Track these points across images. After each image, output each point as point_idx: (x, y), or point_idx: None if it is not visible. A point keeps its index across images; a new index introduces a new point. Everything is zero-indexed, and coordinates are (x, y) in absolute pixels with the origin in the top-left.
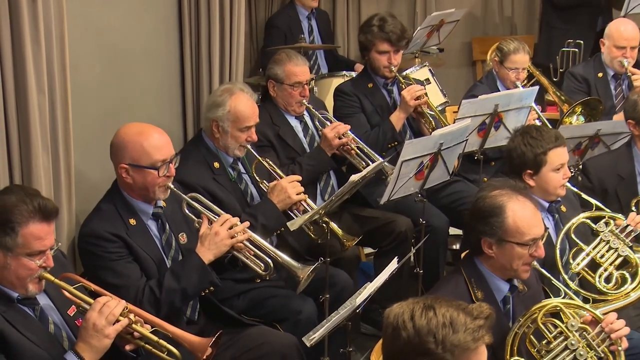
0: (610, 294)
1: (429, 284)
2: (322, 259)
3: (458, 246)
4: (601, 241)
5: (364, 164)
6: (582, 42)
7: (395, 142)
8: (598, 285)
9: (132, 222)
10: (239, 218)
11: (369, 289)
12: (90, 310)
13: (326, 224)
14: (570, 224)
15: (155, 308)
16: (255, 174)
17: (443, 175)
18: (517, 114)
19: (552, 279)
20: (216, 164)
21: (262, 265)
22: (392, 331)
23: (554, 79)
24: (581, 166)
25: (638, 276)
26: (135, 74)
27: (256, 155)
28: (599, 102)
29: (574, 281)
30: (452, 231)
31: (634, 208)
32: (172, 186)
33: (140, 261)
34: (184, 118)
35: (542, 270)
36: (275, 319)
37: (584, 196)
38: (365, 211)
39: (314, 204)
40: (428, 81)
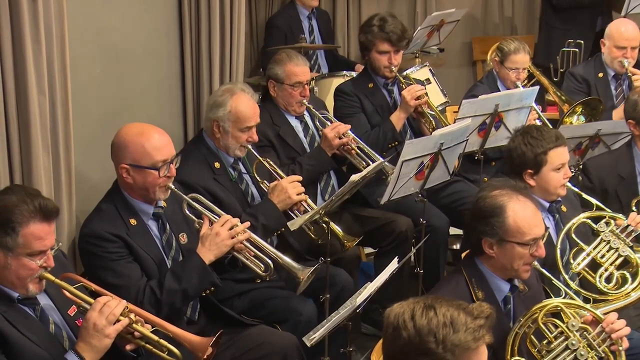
0: (610, 294)
1: (429, 284)
2: (323, 258)
3: (458, 246)
4: (602, 241)
5: (364, 163)
6: (583, 42)
7: (396, 142)
8: (598, 285)
9: (133, 222)
10: (239, 219)
11: (369, 288)
12: (90, 310)
13: (326, 224)
14: (570, 224)
15: (156, 308)
16: (256, 174)
17: (443, 175)
18: (517, 114)
19: (553, 278)
20: (217, 164)
21: (263, 266)
22: (393, 331)
23: (555, 79)
24: (581, 166)
25: (638, 276)
26: (135, 74)
27: (257, 156)
28: (600, 102)
29: (574, 281)
30: (453, 231)
31: (634, 208)
32: (172, 186)
33: (141, 261)
34: (184, 118)
35: (543, 270)
36: (276, 320)
37: (584, 196)
38: (366, 211)
39: (314, 204)
40: (428, 81)
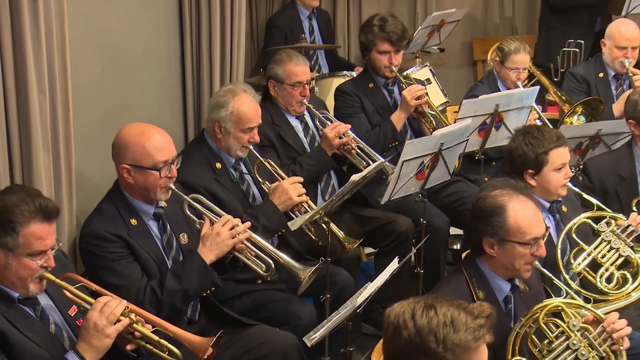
0: (611, 294)
1: (429, 284)
2: (323, 258)
3: (459, 246)
4: (602, 241)
5: (365, 163)
6: (583, 42)
7: (396, 142)
8: (599, 285)
9: (133, 222)
10: (240, 219)
11: (370, 288)
12: (91, 310)
13: (327, 224)
14: (571, 224)
15: (157, 308)
16: (257, 175)
17: (444, 175)
18: (517, 114)
19: (554, 278)
20: (218, 165)
21: (264, 266)
22: (393, 330)
23: (555, 79)
24: (582, 166)
25: (639, 276)
26: (135, 73)
27: (258, 156)
28: (600, 102)
29: (575, 281)
30: (453, 231)
31: (634, 208)
32: (173, 187)
33: (141, 261)
34: (184, 118)
35: (544, 269)
36: (275, 323)
37: (585, 196)
38: (366, 211)
39: (315, 206)
40: (429, 81)
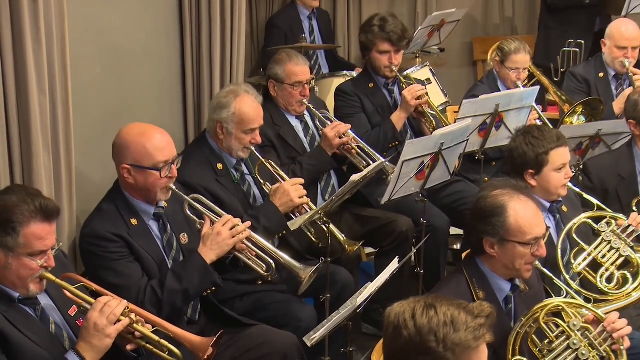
0: (611, 294)
1: (429, 284)
2: (323, 258)
3: (459, 246)
4: (602, 241)
5: (365, 163)
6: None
7: (396, 142)
8: (599, 286)
9: (134, 222)
10: (240, 219)
11: (370, 288)
12: (91, 310)
13: (327, 224)
14: (571, 224)
15: (157, 308)
16: (258, 176)
17: (444, 175)
18: (518, 114)
19: (554, 278)
20: (219, 165)
21: (264, 266)
22: (393, 330)
23: (555, 79)
24: (582, 166)
25: (639, 276)
26: (136, 74)
27: (260, 157)
28: (600, 102)
29: (575, 281)
30: (453, 231)
31: (634, 208)
32: (174, 187)
33: (142, 261)
34: (184, 118)
35: (544, 269)
36: (276, 325)
37: (585, 196)
38: (366, 211)
39: (315, 207)
40: (429, 81)
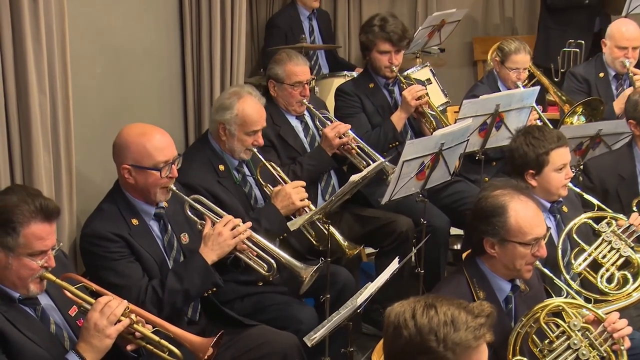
0: (611, 295)
1: (430, 284)
2: (323, 258)
3: (459, 246)
4: (603, 241)
5: (365, 163)
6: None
7: (397, 142)
8: (600, 286)
9: (135, 222)
10: (241, 219)
11: (370, 288)
12: (91, 311)
13: (327, 225)
14: (572, 224)
15: (158, 308)
16: (259, 177)
17: (444, 176)
18: (518, 114)
19: (554, 278)
20: (221, 167)
21: (265, 266)
22: (394, 330)
23: (555, 79)
24: (582, 166)
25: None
26: (136, 74)
27: (262, 159)
28: (600, 102)
29: (575, 281)
30: (453, 231)
31: (635, 208)
32: (174, 187)
33: (142, 261)
34: (184, 118)
35: (544, 269)
36: (276, 326)
37: (585, 196)
38: (367, 211)
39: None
40: (429, 81)
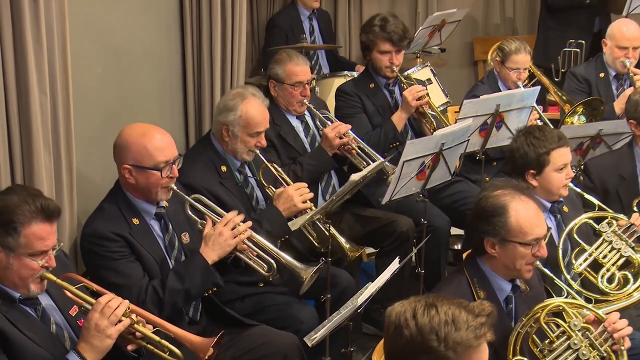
0: (612, 295)
1: (430, 284)
2: (324, 258)
3: (459, 246)
4: (604, 241)
5: (365, 163)
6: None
7: (397, 143)
8: (600, 286)
9: (135, 221)
10: (242, 215)
11: (371, 288)
12: (92, 311)
13: (329, 224)
14: (572, 224)
15: (158, 308)
16: (261, 179)
17: (445, 176)
18: (518, 114)
19: (555, 278)
20: (223, 168)
21: (265, 266)
22: (394, 329)
23: (556, 80)
24: (583, 166)
25: None
26: (136, 74)
27: (264, 160)
28: (601, 102)
29: (576, 281)
30: (454, 231)
31: (635, 208)
32: (174, 187)
33: (143, 261)
34: (185, 118)
35: (545, 269)
36: (276, 327)
37: (586, 196)
38: (367, 211)
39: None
40: (429, 81)
